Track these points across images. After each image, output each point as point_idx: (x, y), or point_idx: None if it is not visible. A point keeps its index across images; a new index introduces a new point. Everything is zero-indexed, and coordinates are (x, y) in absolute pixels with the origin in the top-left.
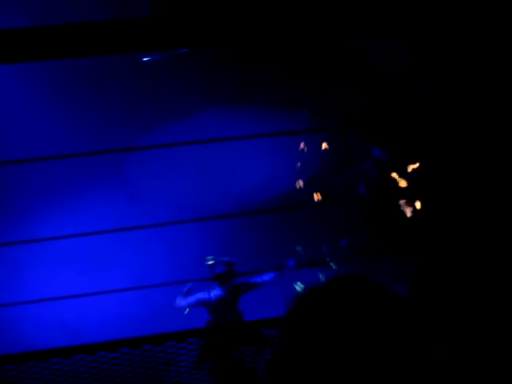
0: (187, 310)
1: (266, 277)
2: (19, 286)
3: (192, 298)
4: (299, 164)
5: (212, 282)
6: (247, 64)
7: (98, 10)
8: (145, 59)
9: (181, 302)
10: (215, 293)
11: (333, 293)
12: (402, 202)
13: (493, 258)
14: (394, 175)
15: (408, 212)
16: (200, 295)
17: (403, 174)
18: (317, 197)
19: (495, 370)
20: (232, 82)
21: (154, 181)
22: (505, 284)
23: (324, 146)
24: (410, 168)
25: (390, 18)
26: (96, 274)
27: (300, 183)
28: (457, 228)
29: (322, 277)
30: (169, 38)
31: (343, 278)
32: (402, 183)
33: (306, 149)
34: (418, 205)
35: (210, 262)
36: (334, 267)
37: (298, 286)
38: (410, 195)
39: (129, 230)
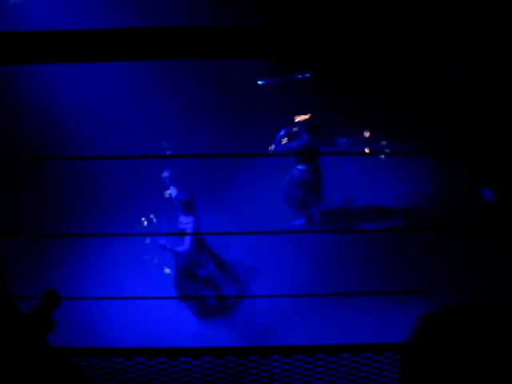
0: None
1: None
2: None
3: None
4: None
5: None
6: (351, 91)
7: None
8: (259, 82)
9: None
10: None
11: (456, 320)
12: None
13: None
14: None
15: None
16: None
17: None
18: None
19: None
20: (336, 107)
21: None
22: None
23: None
24: None
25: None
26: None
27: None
28: None
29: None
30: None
31: (469, 305)
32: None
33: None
34: None
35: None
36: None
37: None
38: None
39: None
